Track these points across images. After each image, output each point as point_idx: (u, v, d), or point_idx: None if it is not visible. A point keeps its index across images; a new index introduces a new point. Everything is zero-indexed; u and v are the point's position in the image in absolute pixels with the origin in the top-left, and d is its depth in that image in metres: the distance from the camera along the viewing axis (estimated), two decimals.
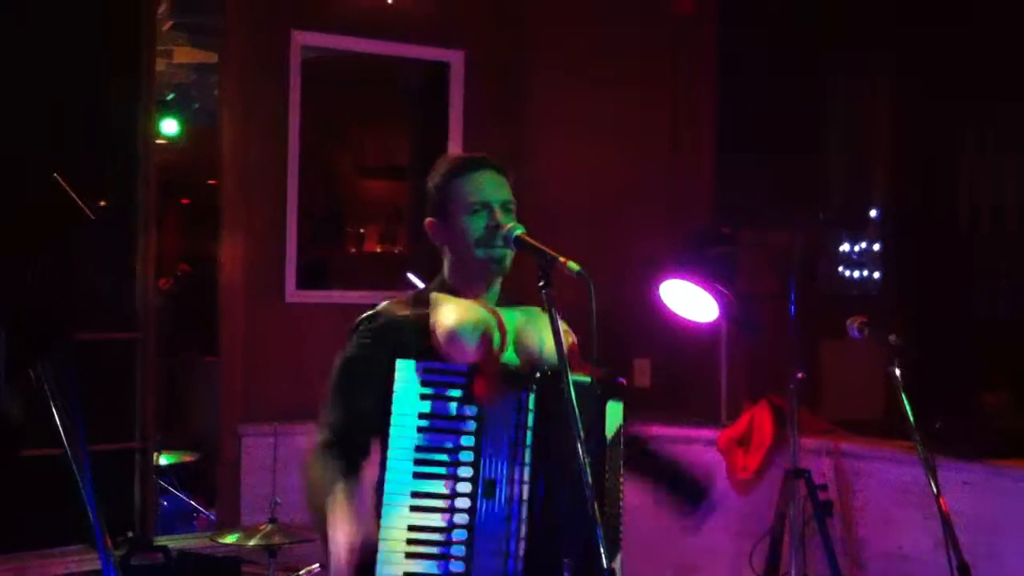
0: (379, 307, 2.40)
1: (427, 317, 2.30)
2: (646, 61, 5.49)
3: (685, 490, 2.71)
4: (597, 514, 1.95)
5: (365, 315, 2.39)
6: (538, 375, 2.22)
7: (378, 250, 7.38)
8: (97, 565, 3.93)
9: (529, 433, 2.18)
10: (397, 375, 2.18)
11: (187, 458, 5.45)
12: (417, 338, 2.29)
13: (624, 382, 2.36)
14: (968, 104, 4.87)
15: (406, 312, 2.37)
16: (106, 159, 4.56)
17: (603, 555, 1.93)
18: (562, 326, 2.35)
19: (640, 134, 5.45)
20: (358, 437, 2.29)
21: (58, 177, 1.95)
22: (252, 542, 3.75)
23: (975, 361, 4.62)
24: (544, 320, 2.28)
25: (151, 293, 4.72)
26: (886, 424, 4.46)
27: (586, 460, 1.99)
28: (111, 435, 4.47)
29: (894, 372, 2.87)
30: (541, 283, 2.13)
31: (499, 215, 2.38)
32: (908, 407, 2.82)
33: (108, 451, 4.41)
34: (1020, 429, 4.07)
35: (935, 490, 2.77)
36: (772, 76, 4.13)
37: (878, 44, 4.60)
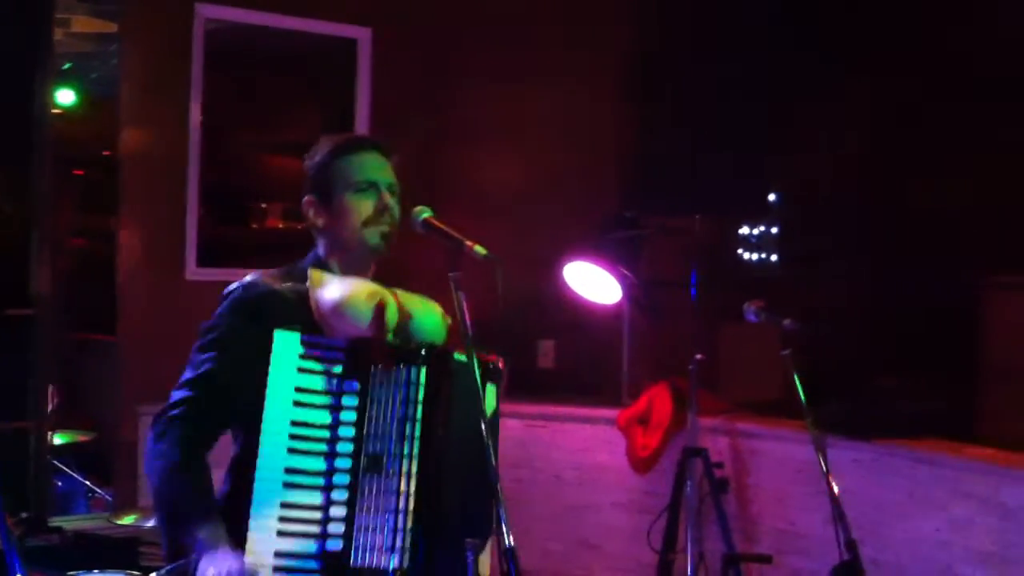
0: (252, 278, 2.34)
1: (305, 291, 2.26)
2: (560, 49, 5.51)
3: None
4: (501, 493, 1.96)
5: (239, 283, 2.33)
6: (424, 352, 2.21)
7: (280, 226, 7.29)
8: None
9: (419, 408, 2.17)
10: (275, 347, 2.13)
11: (83, 438, 5.33)
12: (294, 312, 2.24)
13: (500, 363, 2.34)
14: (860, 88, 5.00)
15: (281, 285, 2.32)
16: (0, 129, 4.43)
17: (507, 534, 1.95)
18: (438, 307, 2.37)
19: (549, 117, 5.48)
20: (217, 410, 2.25)
21: None
22: (150, 523, 3.70)
23: (870, 343, 4.77)
24: (417, 302, 2.30)
25: (48, 269, 4.60)
26: (784, 405, 4.57)
27: (489, 438, 2.00)
28: (5, 414, 4.36)
29: (788, 355, 2.95)
30: (450, 266, 2.14)
31: (386, 197, 2.37)
32: (800, 389, 2.91)
33: (1, 430, 4.30)
34: (912, 411, 4.21)
35: (824, 469, 2.86)
36: (679, 68, 4.20)
37: (774, 31, 4.70)
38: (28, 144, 4.50)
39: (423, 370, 2.18)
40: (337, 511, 2.10)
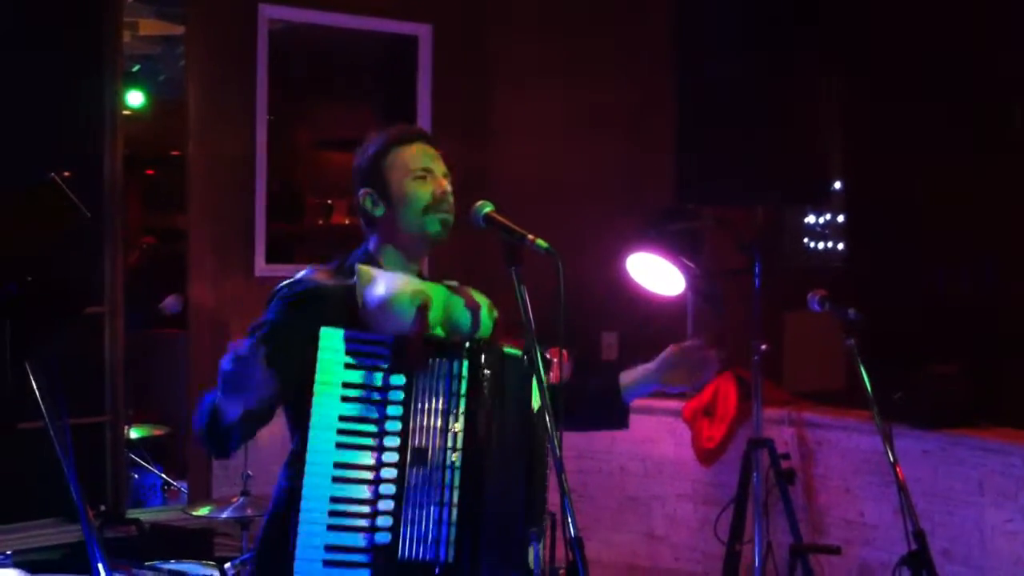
0: (301, 274, 2.36)
1: (351, 287, 2.28)
2: (609, 39, 5.50)
3: None
4: (565, 483, 1.97)
5: (287, 282, 2.35)
6: (468, 344, 2.23)
7: (347, 223, 7.36)
8: (73, 537, 3.96)
9: (462, 401, 2.18)
10: (321, 343, 2.15)
11: (157, 432, 5.46)
12: (340, 308, 2.26)
13: (565, 356, 2.33)
14: (927, 85, 4.94)
15: (329, 281, 2.34)
16: (72, 131, 4.54)
17: (572, 524, 1.97)
18: (486, 300, 2.40)
19: (604, 111, 5.48)
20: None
21: (55, 176, 1.96)
22: (224, 515, 3.78)
23: (929, 333, 4.71)
24: (465, 296, 2.32)
25: (118, 266, 4.71)
26: (848, 394, 4.54)
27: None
28: (81, 409, 4.48)
29: (852, 345, 2.94)
30: (510, 261, 2.16)
31: (444, 183, 2.41)
32: (866, 378, 2.89)
33: (78, 425, 4.41)
34: (970, 400, 4.15)
35: (892, 459, 2.85)
36: (732, 53, 4.17)
37: (840, 21, 4.65)
38: (99, 145, 4.61)
39: (464, 364, 2.20)
40: (385, 504, 2.12)
